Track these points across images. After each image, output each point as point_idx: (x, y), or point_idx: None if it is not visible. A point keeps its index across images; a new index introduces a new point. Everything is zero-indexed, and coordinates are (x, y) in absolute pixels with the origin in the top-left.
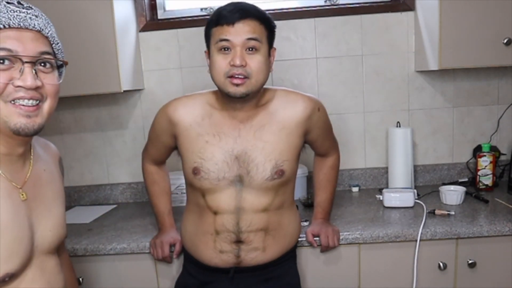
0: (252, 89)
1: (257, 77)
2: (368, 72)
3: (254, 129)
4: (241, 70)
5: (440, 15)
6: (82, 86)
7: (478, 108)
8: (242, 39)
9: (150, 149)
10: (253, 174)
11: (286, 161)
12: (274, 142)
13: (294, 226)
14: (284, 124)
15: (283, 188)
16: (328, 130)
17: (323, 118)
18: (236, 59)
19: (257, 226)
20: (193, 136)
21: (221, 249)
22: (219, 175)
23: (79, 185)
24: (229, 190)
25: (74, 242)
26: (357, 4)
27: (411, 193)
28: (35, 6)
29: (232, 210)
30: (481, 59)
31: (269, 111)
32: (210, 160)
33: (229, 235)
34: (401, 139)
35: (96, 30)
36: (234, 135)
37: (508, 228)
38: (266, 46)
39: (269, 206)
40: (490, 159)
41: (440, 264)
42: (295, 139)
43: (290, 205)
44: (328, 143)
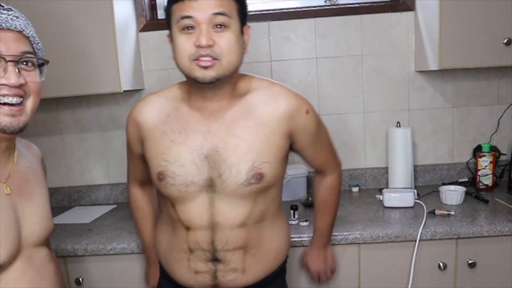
0: (224, 72)
1: (228, 58)
2: (368, 72)
3: (227, 123)
4: (209, 50)
5: (440, 15)
6: (82, 86)
7: (478, 108)
8: (208, 15)
9: (130, 168)
10: (226, 177)
11: (266, 163)
12: (251, 140)
13: (280, 241)
14: (264, 120)
15: (263, 196)
16: (322, 139)
17: (313, 123)
18: (202, 38)
19: (235, 244)
20: (158, 136)
21: (196, 269)
22: (186, 179)
23: (79, 185)
24: (199, 198)
25: (74, 242)
26: (357, 4)
27: (411, 193)
28: (35, 6)
29: (205, 226)
30: (481, 59)
31: (246, 103)
32: (176, 162)
33: (204, 254)
34: (401, 139)
35: (96, 30)
36: (203, 131)
37: (508, 228)
38: (237, 22)
39: (246, 220)
40: (490, 159)
41: (440, 264)
42: (277, 139)
43: (274, 216)
44: (323, 157)
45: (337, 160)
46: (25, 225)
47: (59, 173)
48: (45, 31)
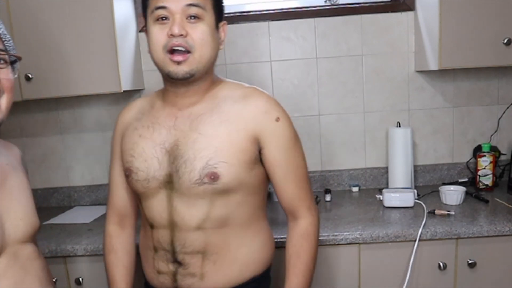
0: (197, 67)
1: (201, 51)
2: (368, 72)
3: (192, 118)
4: (181, 40)
5: (440, 15)
6: (82, 86)
7: (478, 108)
8: (181, 5)
9: (111, 192)
10: (181, 173)
11: (223, 163)
12: (210, 136)
13: (250, 251)
14: (229, 117)
15: (222, 199)
16: (293, 163)
17: (283, 133)
18: (175, 27)
19: (192, 248)
20: (129, 132)
21: (159, 269)
22: (148, 175)
23: (79, 185)
24: (160, 195)
25: (74, 242)
26: (357, 4)
27: (411, 193)
28: (35, 6)
29: (165, 224)
30: (481, 59)
31: (216, 99)
32: (140, 156)
33: (165, 254)
34: (401, 139)
35: (96, 30)
36: (168, 125)
37: (508, 228)
38: (211, 16)
39: (203, 222)
40: (490, 159)
41: (440, 264)
42: (240, 139)
43: (243, 223)
44: (294, 189)
45: (314, 204)
46: (8, 221)
47: (59, 173)
48: (45, 31)
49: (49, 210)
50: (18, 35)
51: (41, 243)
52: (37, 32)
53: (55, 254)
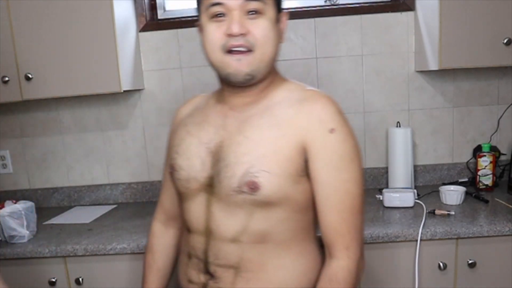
0: (259, 67)
1: (263, 49)
2: (368, 72)
3: (241, 119)
4: (242, 40)
5: (440, 15)
6: (82, 86)
7: (478, 108)
8: (240, 1)
9: (162, 190)
10: (222, 177)
11: (265, 172)
12: (255, 140)
13: (289, 275)
14: (279, 121)
15: (262, 212)
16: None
17: (336, 147)
18: (233, 26)
19: (226, 261)
20: (179, 128)
21: (190, 278)
22: (189, 174)
23: (79, 185)
24: (199, 198)
25: (74, 242)
26: (357, 4)
27: (411, 193)
28: (35, 6)
29: (201, 231)
30: (481, 59)
31: (270, 100)
32: (184, 154)
33: (198, 263)
34: (401, 139)
35: (96, 30)
36: (217, 124)
37: (508, 228)
38: (272, 8)
39: (239, 235)
40: (490, 159)
41: (440, 264)
42: (288, 148)
43: (284, 242)
44: (333, 218)
45: (354, 242)
46: None
47: (59, 173)
48: (45, 31)
49: (49, 210)
50: (18, 35)
51: (41, 243)
52: (37, 32)
53: (55, 254)
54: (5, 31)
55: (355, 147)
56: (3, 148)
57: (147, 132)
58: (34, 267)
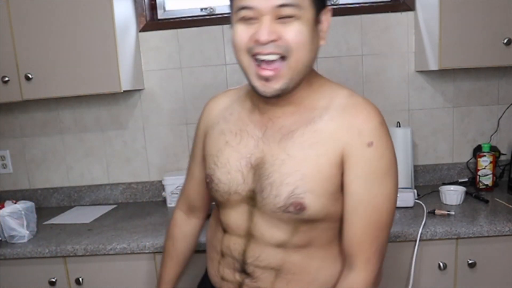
0: (292, 77)
1: (297, 56)
2: (368, 72)
3: (282, 132)
4: (272, 48)
5: (440, 15)
6: (82, 86)
7: (478, 108)
8: (271, 5)
9: (187, 180)
10: (266, 195)
11: (310, 194)
12: (299, 159)
13: (329, 273)
14: (321, 137)
15: (307, 226)
16: (372, 196)
17: (372, 161)
18: (262, 32)
19: (267, 262)
20: (216, 134)
21: (223, 275)
22: (230, 188)
23: (79, 185)
24: (241, 207)
25: (74, 242)
26: (357, 4)
27: (411, 193)
28: (35, 6)
29: (241, 234)
30: (481, 59)
31: (312, 110)
32: (224, 167)
33: (234, 262)
34: (401, 139)
35: (96, 30)
36: (257, 135)
37: (508, 228)
38: (311, 10)
39: (285, 243)
40: (490, 159)
41: (440, 264)
42: (327, 165)
43: (326, 244)
44: (358, 229)
45: (376, 257)
46: None
47: (59, 173)
48: (45, 31)
49: (49, 210)
50: (18, 35)
51: (41, 243)
52: (37, 32)
53: (55, 254)
54: (5, 31)
55: (391, 163)
56: (3, 148)
57: (147, 132)
58: (34, 267)
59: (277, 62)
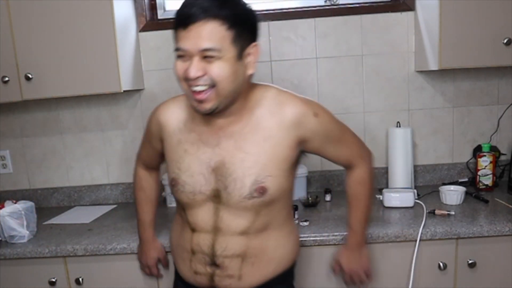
0: (220, 101)
1: (222, 86)
2: (368, 72)
3: (235, 137)
4: (201, 81)
5: (440, 15)
6: (82, 86)
7: (478, 108)
8: (197, 48)
9: (142, 152)
10: (231, 190)
11: (269, 177)
12: (256, 154)
13: (284, 250)
14: (270, 132)
15: (267, 208)
16: (339, 136)
17: (324, 124)
18: (190, 70)
19: (233, 251)
20: (174, 143)
21: (196, 270)
22: (194, 189)
23: (79, 185)
24: (206, 206)
25: (74, 242)
26: (357, 4)
27: (411, 193)
28: (35, 6)
29: (208, 230)
30: (481, 59)
31: (254, 116)
32: (187, 171)
33: (204, 257)
34: (401, 139)
35: (96, 30)
36: (212, 144)
37: (508, 228)
38: (231, 51)
39: (248, 229)
40: (490, 159)
41: (440, 264)
42: (283, 150)
43: (280, 225)
44: (347, 152)
45: (365, 151)
46: None
47: (59, 173)
48: (45, 31)
49: (49, 210)
50: (18, 35)
51: (41, 243)
52: (37, 32)
53: (55, 254)
54: (5, 31)
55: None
56: (3, 148)
57: None
58: (34, 267)
59: (207, 90)
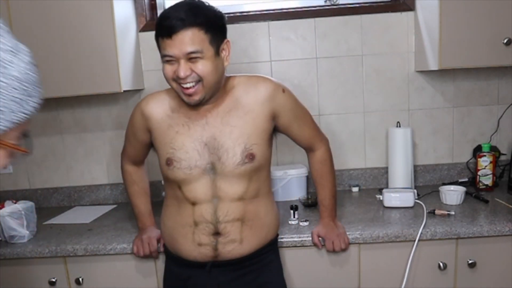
0: (207, 92)
1: (207, 79)
2: (368, 72)
3: (221, 115)
4: (189, 79)
5: (440, 15)
6: (82, 86)
7: (478, 108)
8: (182, 53)
9: (128, 149)
10: (224, 159)
11: (255, 145)
12: (241, 126)
13: (272, 217)
14: (249, 107)
15: (256, 174)
16: (302, 115)
17: (290, 100)
18: (180, 72)
19: (234, 215)
20: (165, 128)
21: (200, 241)
22: (190, 164)
23: (79, 185)
24: (203, 179)
25: (74, 242)
26: (357, 4)
27: (411, 193)
28: (35, 6)
29: (209, 199)
30: (481, 59)
31: (234, 96)
32: (181, 149)
33: (208, 226)
34: (401, 139)
35: (96, 30)
36: (202, 123)
37: (508, 228)
38: (210, 49)
39: (244, 194)
40: (490, 159)
41: (440, 264)
42: (262, 122)
43: (266, 194)
44: (308, 132)
45: (322, 135)
46: None
47: (59, 173)
48: (45, 31)
49: (49, 210)
50: (18, 35)
51: (41, 243)
52: (37, 32)
53: (55, 254)
54: None
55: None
56: None
57: None
58: (34, 267)
59: (195, 85)
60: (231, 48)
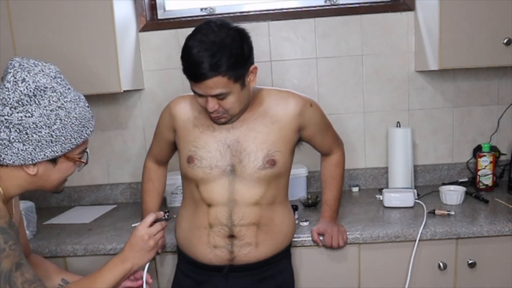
0: (234, 118)
1: (233, 110)
2: (368, 72)
3: (247, 122)
4: (217, 113)
5: (440, 15)
6: (82, 86)
7: (478, 108)
8: (209, 94)
9: (154, 147)
10: (245, 163)
11: (278, 152)
12: (266, 133)
13: (288, 224)
14: (277, 118)
15: (275, 181)
16: (326, 126)
17: (317, 114)
18: (208, 107)
19: (249, 220)
20: (190, 127)
21: (215, 243)
22: (211, 163)
23: (79, 185)
24: (222, 180)
25: (74, 242)
26: (357, 4)
27: (411, 193)
28: (35, 6)
29: (225, 202)
30: (481, 59)
31: (262, 107)
32: (203, 148)
33: (222, 228)
34: (401, 139)
35: (96, 30)
36: (227, 127)
37: (508, 228)
38: (236, 86)
39: (260, 199)
40: (490, 159)
41: (440, 264)
42: (288, 133)
43: (283, 201)
44: (329, 140)
45: (340, 140)
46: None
47: None
48: (45, 31)
49: (49, 210)
50: (18, 35)
51: (41, 243)
52: (37, 32)
53: (55, 254)
54: (5, 31)
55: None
56: None
57: (147, 132)
58: None
59: (222, 114)
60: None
